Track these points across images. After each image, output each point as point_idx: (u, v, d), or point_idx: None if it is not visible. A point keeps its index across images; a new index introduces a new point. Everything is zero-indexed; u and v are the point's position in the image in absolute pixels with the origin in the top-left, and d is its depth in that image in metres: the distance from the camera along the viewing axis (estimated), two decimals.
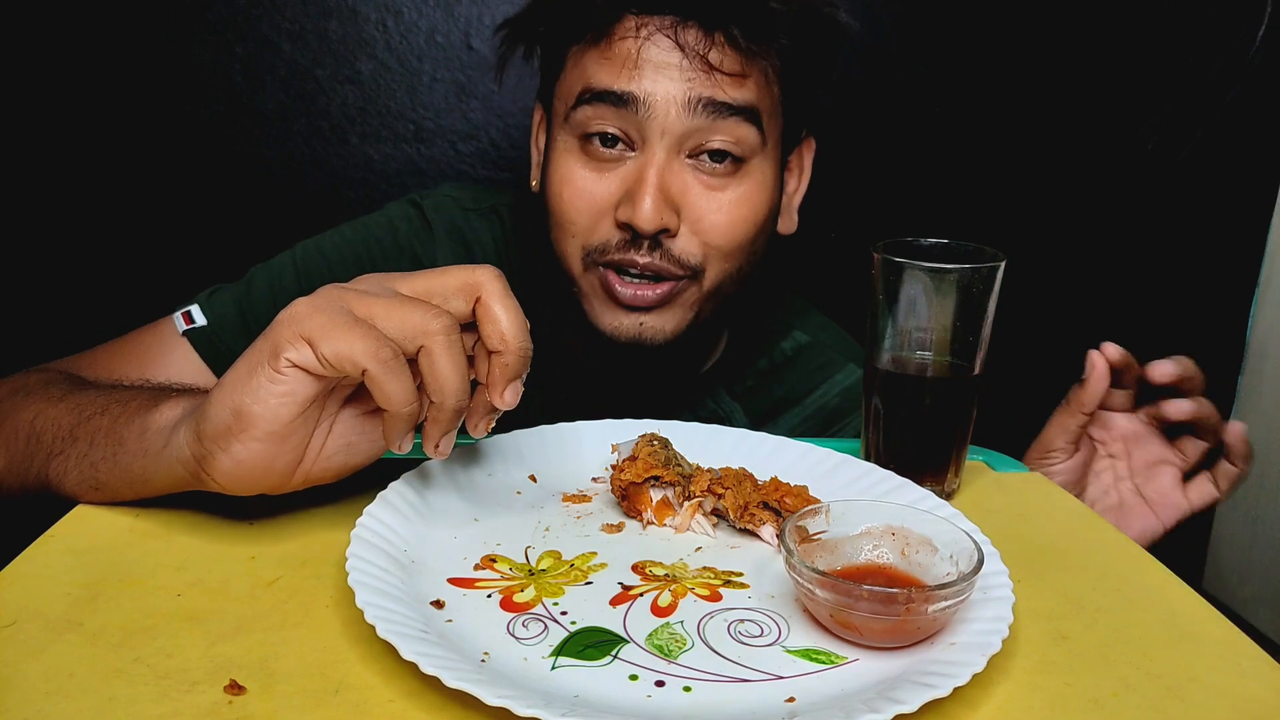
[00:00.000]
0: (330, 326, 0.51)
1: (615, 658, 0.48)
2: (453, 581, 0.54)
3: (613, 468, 0.64)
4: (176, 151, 1.30)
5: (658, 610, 0.52)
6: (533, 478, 0.67)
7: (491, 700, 0.41)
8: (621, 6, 0.82)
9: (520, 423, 0.70)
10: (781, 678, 0.47)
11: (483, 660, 0.47)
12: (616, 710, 0.44)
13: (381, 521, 0.57)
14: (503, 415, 0.57)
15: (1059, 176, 1.42)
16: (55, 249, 1.31)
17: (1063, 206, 1.43)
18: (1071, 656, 0.51)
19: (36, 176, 1.29)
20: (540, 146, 0.94)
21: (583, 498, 0.66)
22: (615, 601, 0.53)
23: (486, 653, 0.48)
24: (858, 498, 0.61)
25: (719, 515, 0.62)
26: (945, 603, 0.48)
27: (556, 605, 0.52)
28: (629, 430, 0.71)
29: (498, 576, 0.55)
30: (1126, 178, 1.42)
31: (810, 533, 0.54)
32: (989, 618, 0.50)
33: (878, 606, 0.48)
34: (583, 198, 0.84)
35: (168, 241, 1.32)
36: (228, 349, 0.88)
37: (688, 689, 0.46)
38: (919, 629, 0.49)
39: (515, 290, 0.55)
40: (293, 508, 0.60)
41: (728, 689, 0.46)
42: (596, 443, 0.71)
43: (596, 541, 0.60)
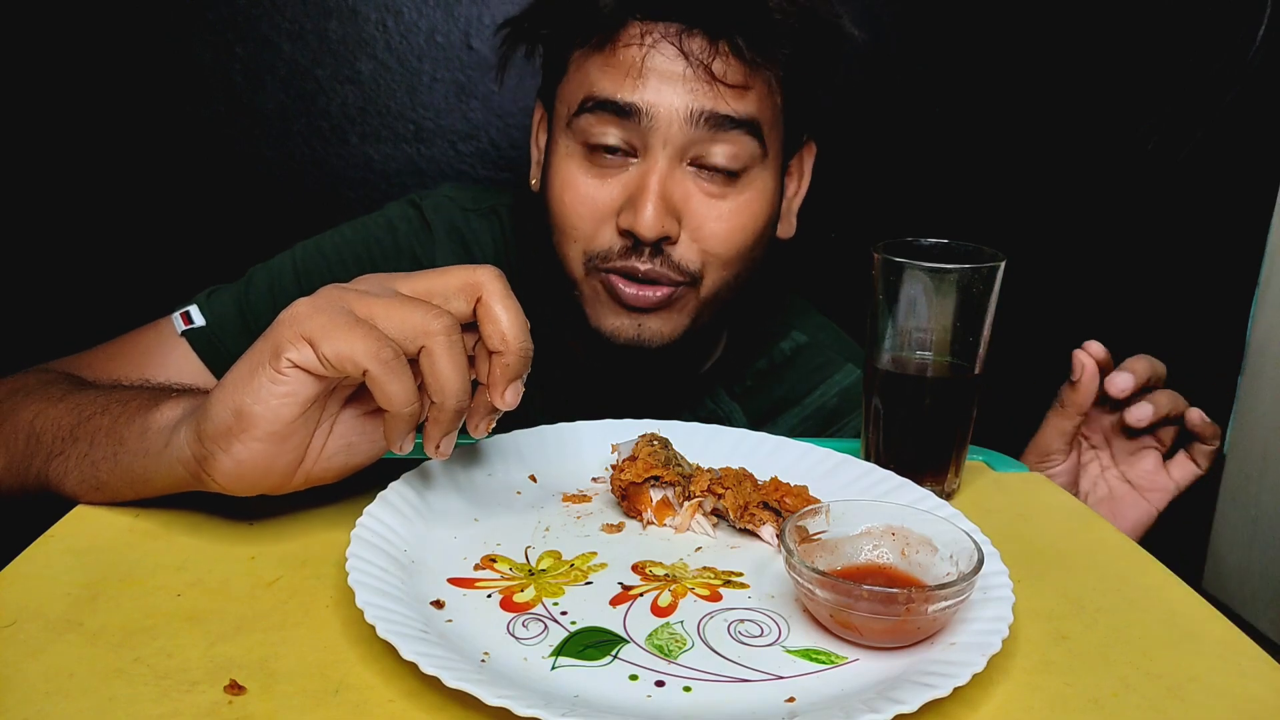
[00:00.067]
0: (331, 327, 0.51)
1: (615, 658, 0.48)
2: (453, 581, 0.54)
3: (613, 468, 0.64)
4: (176, 151, 1.30)
5: (658, 610, 0.52)
6: (533, 478, 0.67)
7: (491, 700, 0.41)
8: (626, 13, 0.81)
9: (520, 423, 0.70)
10: (781, 678, 0.47)
11: (483, 660, 0.47)
12: (616, 710, 0.44)
13: (381, 521, 0.57)
14: (503, 415, 0.57)
15: (1059, 176, 1.42)
16: (55, 249, 1.31)
17: (1063, 206, 1.43)
18: (1071, 656, 0.51)
19: (36, 176, 1.29)
20: (541, 145, 0.94)
21: (583, 498, 0.66)
22: (615, 601, 0.53)
23: (486, 653, 0.48)
24: (858, 498, 0.61)
25: (719, 515, 0.62)
26: (945, 603, 0.48)
27: (556, 605, 0.52)
28: (629, 430, 0.71)
29: (498, 576, 0.55)
30: (1126, 178, 1.42)
31: (810, 533, 0.54)
32: (989, 618, 0.50)
33: (878, 606, 0.48)
34: (585, 203, 0.84)
35: (168, 241, 1.32)
36: (226, 349, 0.88)
37: (688, 689, 0.46)
38: (919, 629, 0.49)
39: (515, 290, 0.55)
40: (293, 508, 0.60)
41: (728, 689, 0.46)
42: (596, 443, 0.71)
43: (596, 541, 0.60)
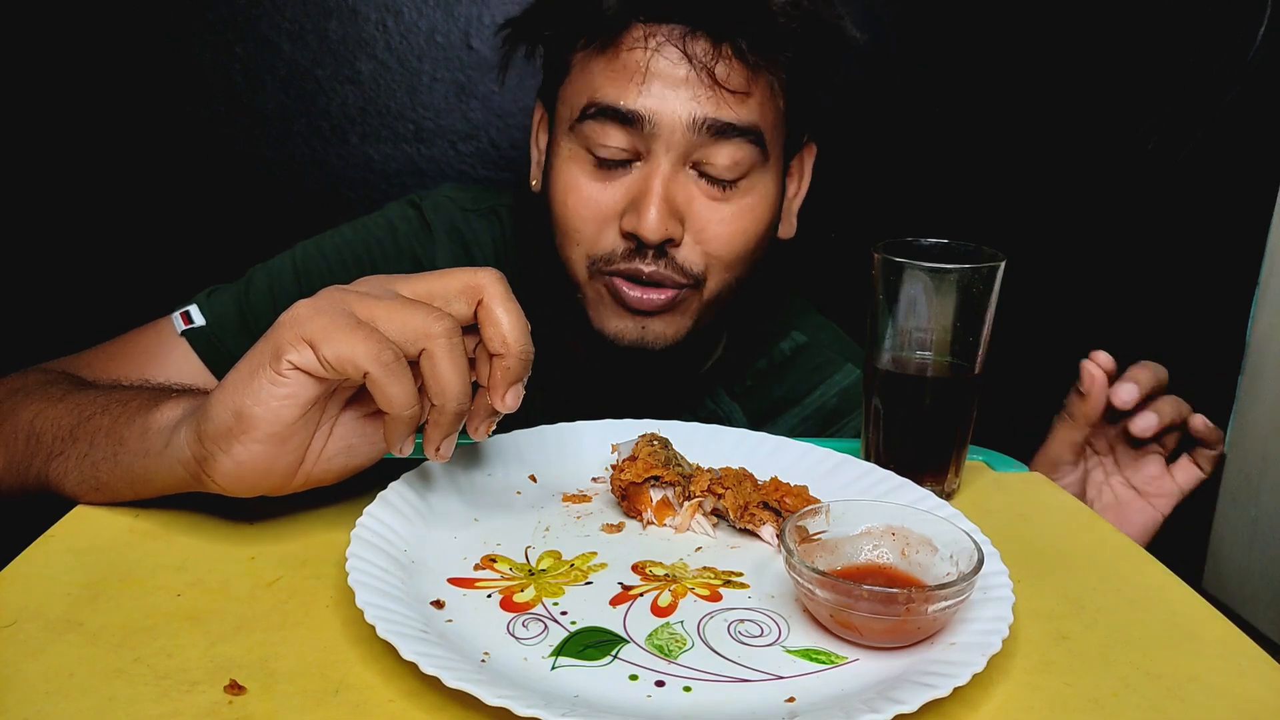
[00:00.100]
0: (332, 329, 0.51)
1: (615, 658, 0.48)
2: (453, 581, 0.54)
3: (613, 468, 0.64)
4: (176, 151, 1.30)
5: (658, 610, 0.52)
6: (533, 478, 0.67)
7: (491, 700, 0.41)
8: (630, 15, 0.81)
9: (520, 423, 0.70)
10: (781, 678, 0.47)
11: (483, 660, 0.47)
12: (616, 710, 0.44)
13: (382, 521, 0.57)
14: (503, 417, 0.57)
15: (1059, 177, 1.42)
16: (55, 249, 1.31)
17: (1063, 206, 1.43)
18: (1071, 656, 0.51)
19: (36, 176, 1.29)
20: (541, 146, 0.94)
21: (583, 498, 0.66)
22: (615, 601, 0.53)
23: (486, 653, 0.48)
24: (858, 498, 0.61)
25: (719, 515, 0.62)
26: (945, 603, 0.48)
27: (556, 605, 0.52)
28: (629, 430, 0.71)
29: (498, 576, 0.55)
30: (1126, 178, 1.42)
31: (810, 533, 0.54)
32: (989, 618, 0.50)
33: (878, 606, 0.48)
34: (588, 206, 0.84)
35: (168, 241, 1.32)
36: (226, 349, 0.87)
37: (688, 689, 0.46)
38: (919, 629, 0.49)
39: (515, 291, 0.55)
40: (293, 508, 0.60)
41: (728, 689, 0.46)
42: (596, 443, 0.71)
43: (596, 541, 0.60)
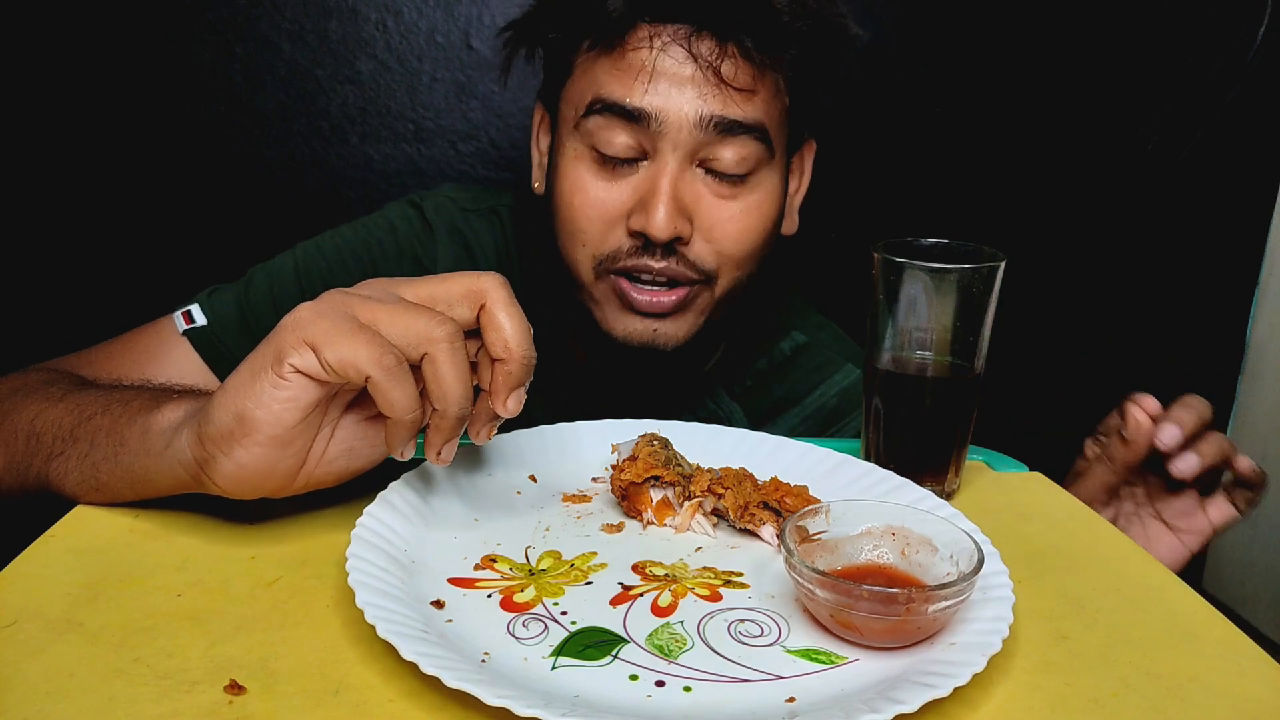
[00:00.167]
0: (334, 332, 0.51)
1: (615, 658, 0.48)
2: (453, 581, 0.54)
3: (613, 468, 0.64)
4: (176, 151, 1.30)
5: (658, 610, 0.52)
6: (533, 478, 0.67)
7: (491, 700, 0.41)
8: (636, 15, 0.81)
9: (521, 423, 0.70)
10: (781, 678, 0.47)
11: (483, 660, 0.47)
12: (616, 710, 0.44)
13: (382, 522, 0.57)
14: (505, 420, 0.57)
15: (1059, 176, 1.42)
16: (55, 249, 1.31)
17: (1063, 206, 1.43)
18: (1071, 656, 0.51)
19: (36, 176, 1.29)
20: (543, 148, 0.93)
21: (583, 498, 0.66)
22: (615, 601, 0.53)
23: (486, 653, 0.48)
24: (858, 498, 0.61)
25: (719, 515, 0.62)
26: (945, 603, 0.48)
27: (556, 605, 0.52)
28: (629, 430, 0.71)
29: (498, 576, 0.55)
30: (1126, 178, 1.42)
31: (810, 533, 0.54)
32: (989, 618, 0.50)
33: (878, 606, 0.48)
34: (595, 206, 0.84)
35: (168, 241, 1.32)
36: (228, 349, 0.87)
37: (688, 689, 0.46)
38: (919, 629, 0.49)
39: (517, 291, 0.55)
40: (293, 508, 0.60)
41: (728, 689, 0.46)
42: (596, 443, 0.71)
43: (596, 541, 0.60)
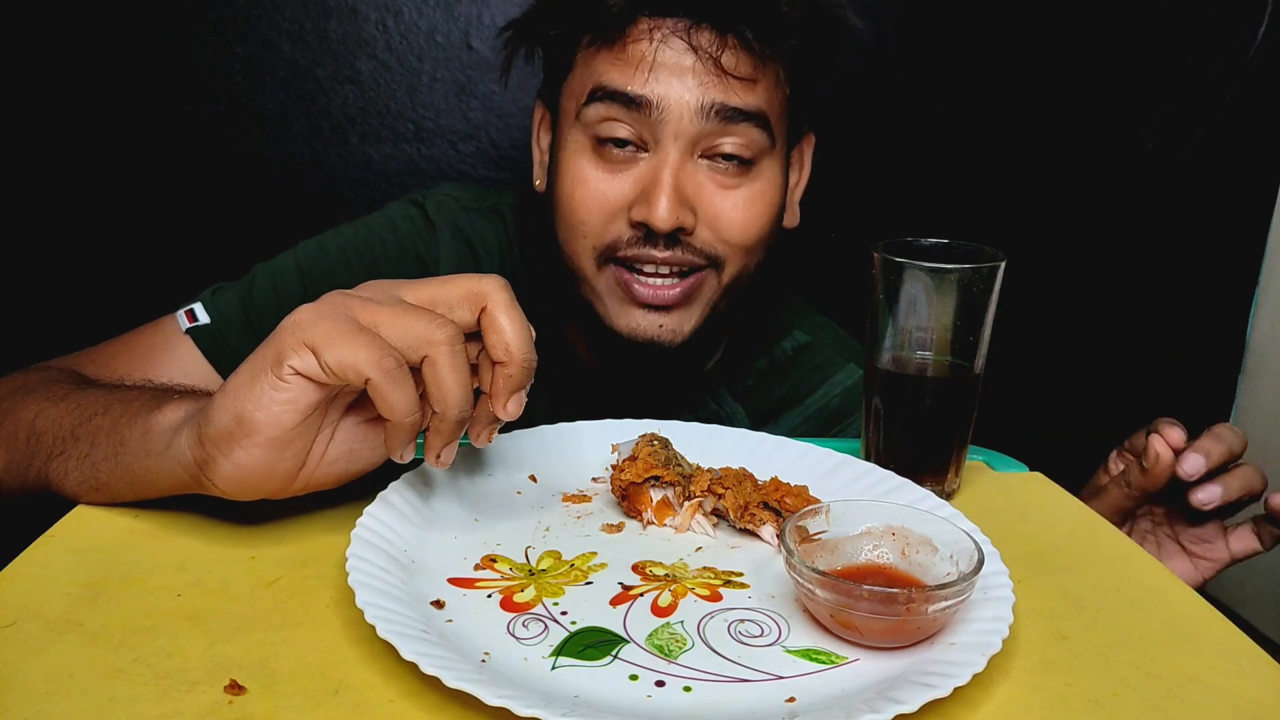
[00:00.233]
0: (334, 334, 0.51)
1: (615, 658, 0.48)
2: (453, 581, 0.54)
3: (613, 468, 0.64)
4: (176, 151, 1.30)
5: (658, 610, 0.52)
6: (533, 478, 0.67)
7: (491, 700, 0.41)
8: (635, 9, 0.82)
9: (521, 422, 0.70)
10: (781, 678, 0.47)
11: (483, 660, 0.47)
12: (616, 710, 0.44)
13: (382, 522, 0.57)
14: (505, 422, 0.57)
15: (1059, 176, 1.42)
16: (56, 249, 1.31)
17: (1063, 206, 1.43)
18: (1071, 656, 0.51)
19: (37, 176, 1.29)
20: (543, 146, 0.94)
21: (583, 498, 0.66)
22: (615, 601, 0.53)
23: (486, 653, 0.48)
24: (858, 498, 0.61)
25: (719, 515, 0.62)
26: (945, 603, 0.48)
27: (556, 605, 0.52)
28: (629, 430, 0.71)
29: (498, 576, 0.55)
30: (1126, 178, 1.42)
31: (810, 533, 0.54)
32: (989, 618, 0.50)
33: (878, 606, 0.48)
34: (596, 199, 0.84)
35: (168, 241, 1.32)
36: (231, 347, 0.87)
37: (688, 689, 0.46)
38: (919, 629, 0.49)
39: (518, 288, 0.55)
40: (293, 509, 0.60)
41: (728, 689, 0.46)
42: (596, 443, 0.71)
43: (596, 541, 0.60)
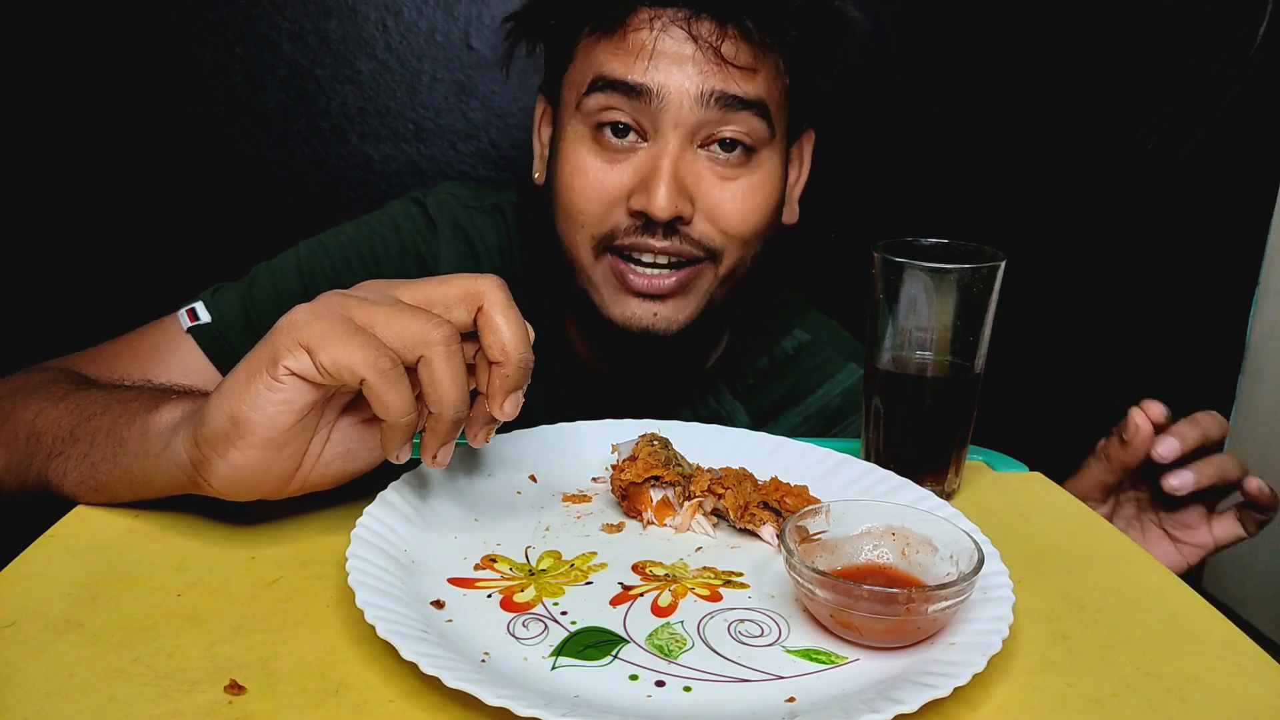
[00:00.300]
0: (329, 334, 0.50)
1: (615, 658, 0.48)
2: (453, 581, 0.54)
3: (613, 468, 0.64)
4: (176, 151, 1.30)
5: (658, 610, 0.52)
6: (533, 478, 0.67)
7: (491, 700, 0.41)
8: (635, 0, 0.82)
9: (521, 420, 0.70)
10: (781, 678, 0.47)
11: (483, 660, 0.47)
12: (616, 710, 0.44)
13: (381, 522, 0.57)
14: (502, 422, 0.57)
15: (1059, 176, 1.42)
16: (56, 249, 1.31)
17: (1063, 206, 1.43)
18: (1071, 656, 0.51)
19: (37, 176, 1.29)
20: (544, 140, 0.94)
21: (583, 498, 0.66)
22: (615, 601, 0.53)
23: (486, 653, 0.48)
24: (858, 498, 0.61)
25: (719, 515, 0.62)
26: (945, 603, 0.48)
27: (556, 605, 0.52)
28: (629, 430, 0.71)
29: (498, 576, 0.55)
30: (1126, 178, 1.42)
31: (810, 533, 0.54)
32: (989, 618, 0.50)
33: (878, 606, 0.48)
34: (594, 188, 0.85)
35: (168, 241, 1.32)
36: (232, 346, 0.88)
37: (688, 689, 0.46)
38: (919, 629, 0.49)
39: (518, 286, 0.55)
40: (293, 509, 0.60)
41: (728, 689, 0.46)
42: (596, 443, 0.71)
43: (596, 541, 0.60)
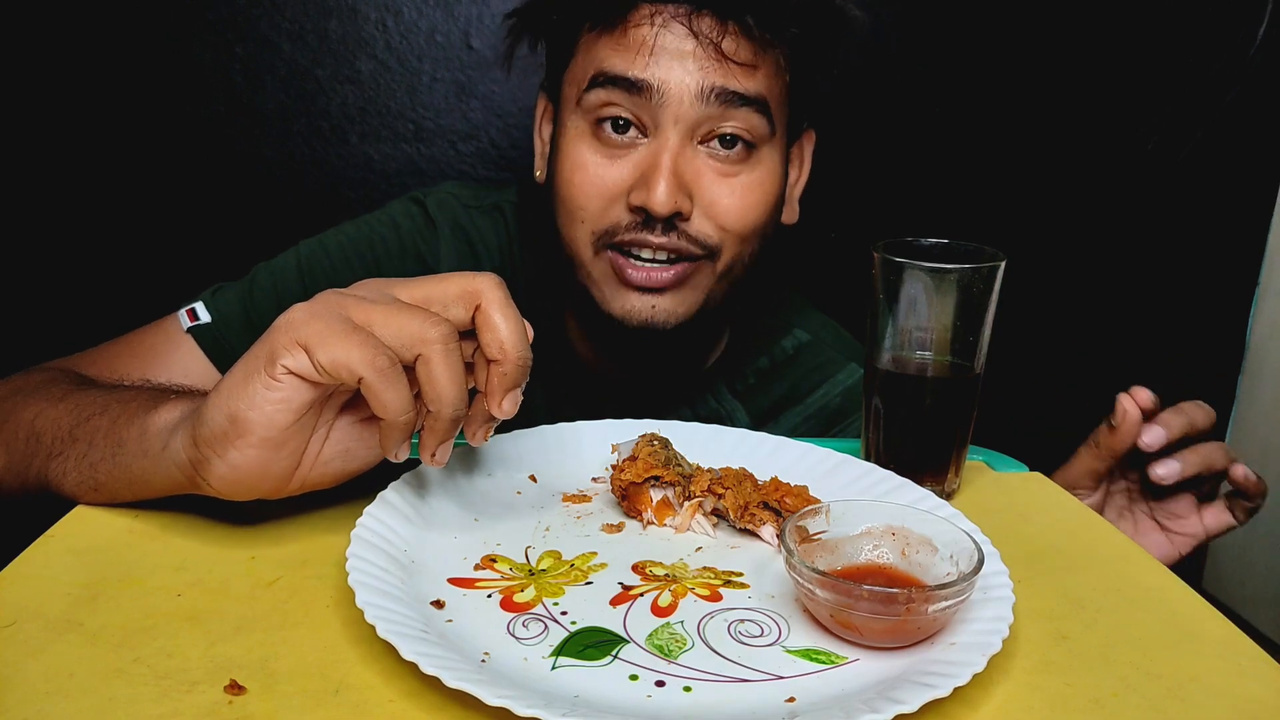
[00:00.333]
0: (327, 333, 0.50)
1: (615, 658, 0.48)
2: (453, 581, 0.54)
3: (613, 468, 0.64)
4: (176, 151, 1.30)
5: (658, 610, 0.52)
6: (533, 478, 0.67)
7: (492, 700, 0.41)
8: None
9: (520, 417, 0.70)
10: (781, 678, 0.47)
11: (483, 660, 0.47)
12: (616, 710, 0.44)
13: (381, 522, 0.57)
14: (502, 420, 0.57)
15: (1059, 176, 1.42)
16: (56, 249, 1.31)
17: (1063, 206, 1.43)
18: (1071, 656, 0.51)
19: (37, 176, 1.29)
20: (545, 138, 0.94)
21: (583, 498, 0.66)
22: (615, 601, 0.53)
23: (486, 653, 0.48)
24: (858, 498, 0.61)
25: (719, 515, 0.62)
26: (945, 603, 0.48)
27: (556, 605, 0.52)
28: (629, 430, 0.71)
29: (498, 576, 0.55)
30: (1126, 178, 1.42)
31: (810, 533, 0.54)
32: (989, 618, 0.50)
33: (878, 606, 0.48)
34: (594, 184, 0.85)
35: (169, 242, 1.32)
36: (232, 346, 0.88)
37: (688, 689, 0.46)
38: (919, 629, 0.49)
39: (518, 286, 0.55)
40: (293, 509, 0.60)
41: (728, 689, 0.46)
42: (596, 443, 0.71)
43: (596, 541, 0.60)
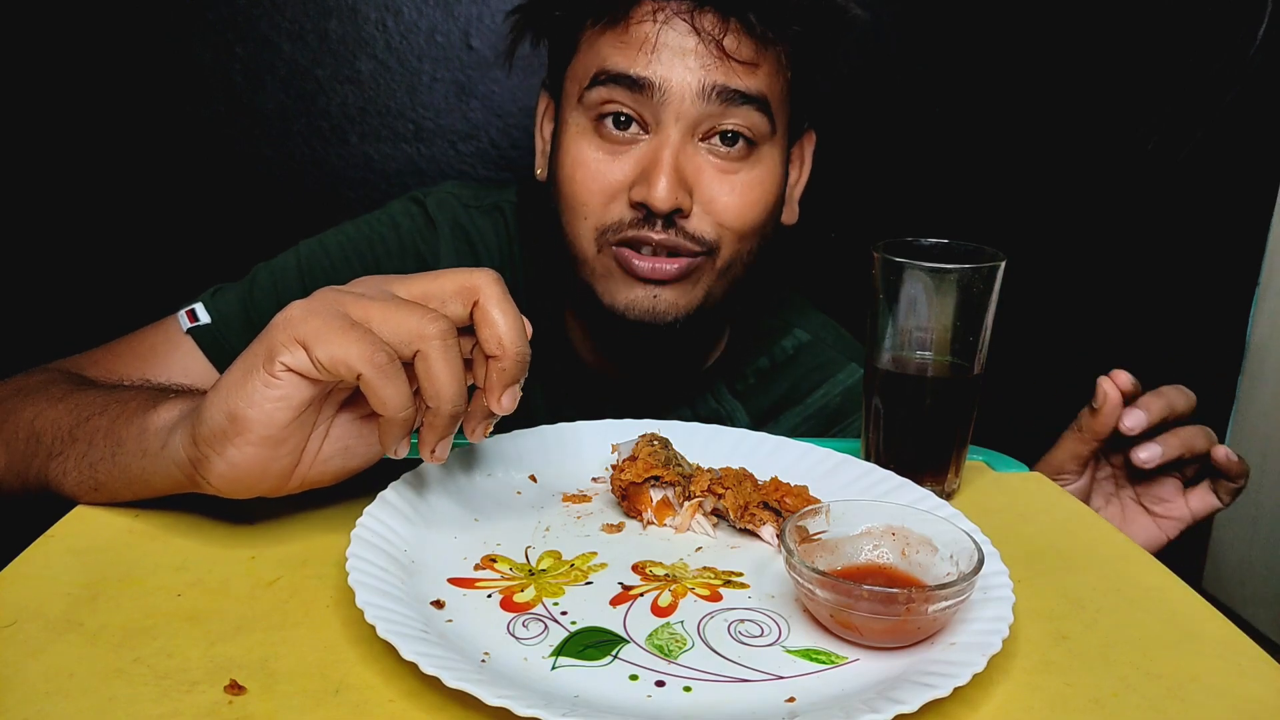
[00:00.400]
0: (325, 330, 0.50)
1: (615, 658, 0.48)
2: (453, 581, 0.54)
3: (613, 468, 0.64)
4: (176, 151, 1.30)
5: (658, 610, 0.52)
6: (533, 478, 0.67)
7: (491, 700, 0.41)
8: None
9: (520, 416, 0.70)
10: (781, 678, 0.47)
11: (483, 660, 0.47)
12: (616, 710, 0.44)
13: (381, 521, 0.57)
14: (501, 417, 0.57)
15: (1059, 176, 1.42)
16: (56, 249, 1.31)
17: (1063, 206, 1.43)
18: (1071, 656, 0.51)
19: (37, 177, 1.29)
20: (546, 135, 0.94)
21: (583, 498, 0.66)
22: (615, 601, 0.53)
23: (486, 653, 0.48)
24: (858, 498, 0.61)
25: (719, 515, 0.62)
26: (945, 603, 0.48)
27: (556, 605, 0.52)
28: (629, 430, 0.71)
29: (498, 576, 0.55)
30: (1126, 178, 1.42)
31: (810, 533, 0.54)
32: (989, 618, 0.50)
33: (878, 606, 0.48)
34: (596, 179, 0.85)
35: (168, 242, 1.32)
36: (232, 347, 0.87)
37: (688, 689, 0.46)
38: (919, 629, 0.49)
39: (518, 285, 0.55)
40: (293, 508, 0.60)
41: (728, 689, 0.46)
42: (596, 443, 0.71)
43: (596, 541, 0.60)
